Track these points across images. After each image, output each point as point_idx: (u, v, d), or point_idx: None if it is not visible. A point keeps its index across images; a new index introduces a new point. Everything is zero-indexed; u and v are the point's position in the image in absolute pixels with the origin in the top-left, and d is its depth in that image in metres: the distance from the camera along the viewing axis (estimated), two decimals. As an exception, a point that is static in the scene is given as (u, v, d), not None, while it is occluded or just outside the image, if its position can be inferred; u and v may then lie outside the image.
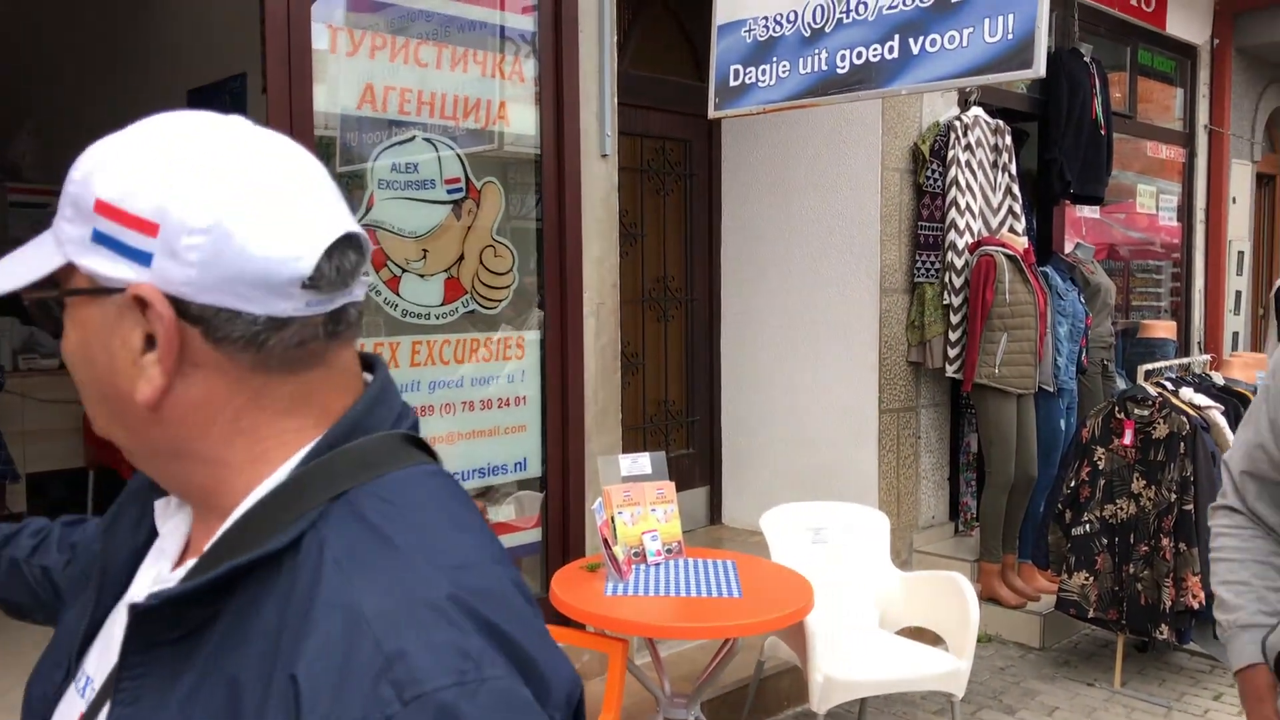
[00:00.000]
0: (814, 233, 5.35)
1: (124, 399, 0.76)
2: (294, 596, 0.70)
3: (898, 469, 5.28)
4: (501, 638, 0.69)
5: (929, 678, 3.36)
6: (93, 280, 0.75)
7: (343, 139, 3.24)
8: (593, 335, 3.88)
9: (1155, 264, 7.79)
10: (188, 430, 0.76)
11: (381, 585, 0.69)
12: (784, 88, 3.31)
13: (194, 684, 0.71)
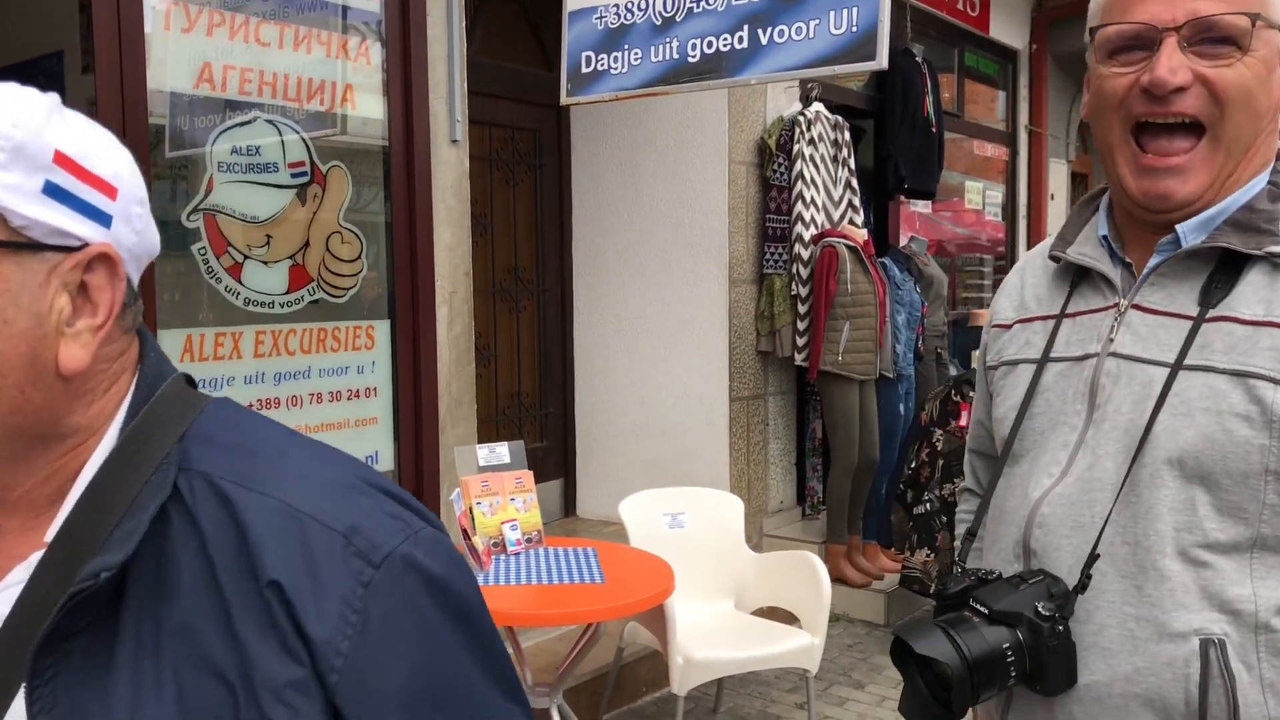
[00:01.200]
0: (663, 224, 5.40)
1: (37, 366, 0.71)
2: (210, 532, 0.72)
3: (748, 455, 5.39)
4: (402, 499, 0.78)
5: (785, 654, 3.44)
6: (34, 237, 0.70)
7: (179, 120, 3.08)
8: (445, 325, 3.81)
9: (981, 257, 8.20)
10: (76, 403, 0.74)
11: (293, 485, 0.75)
12: (636, 75, 3.33)
13: (135, 652, 0.70)
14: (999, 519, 1.30)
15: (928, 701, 1.17)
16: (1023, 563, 1.22)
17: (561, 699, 3.12)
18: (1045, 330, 1.29)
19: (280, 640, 0.71)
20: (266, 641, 0.71)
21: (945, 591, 1.21)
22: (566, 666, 3.13)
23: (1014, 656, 1.14)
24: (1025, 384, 1.28)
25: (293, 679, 0.71)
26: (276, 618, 0.71)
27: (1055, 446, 1.23)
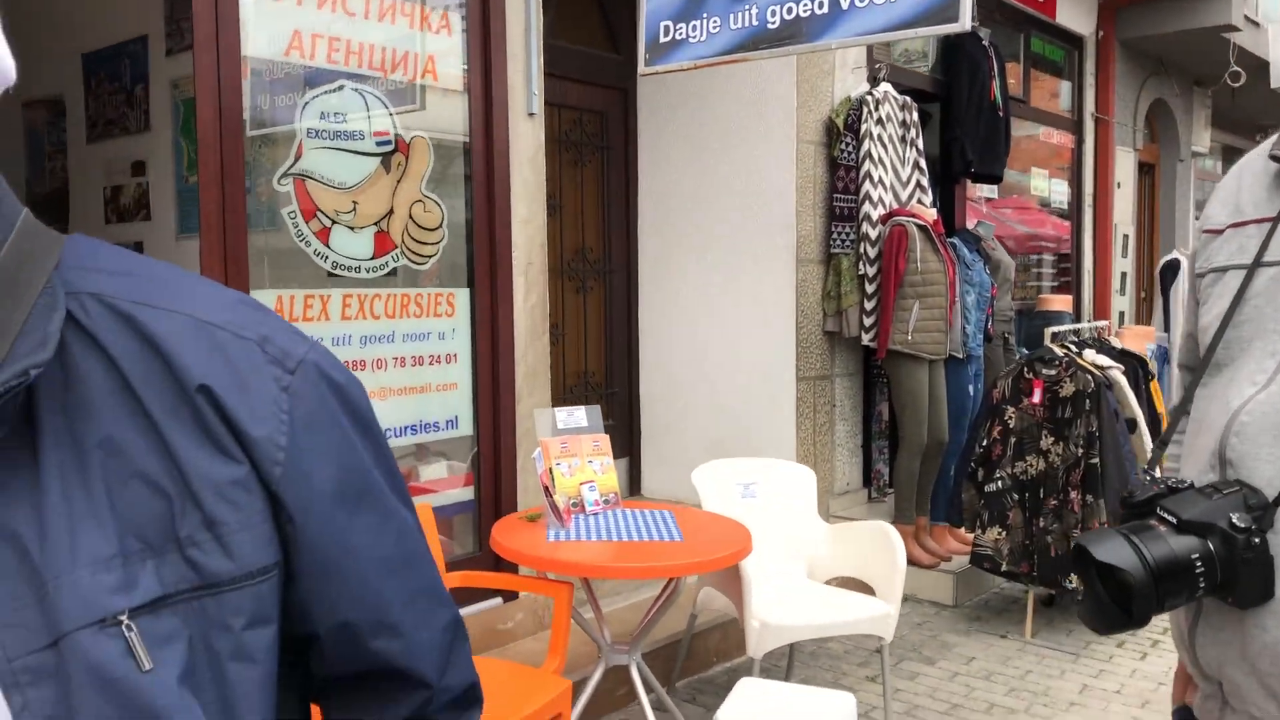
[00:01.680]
0: (730, 205, 5.42)
1: None
2: (117, 350, 0.71)
3: (814, 436, 5.38)
4: (281, 318, 0.80)
5: (860, 621, 3.44)
6: None
7: (270, 87, 3.16)
8: (522, 295, 3.87)
9: (1046, 244, 8.11)
10: None
11: (193, 300, 0.75)
12: (715, 43, 3.36)
13: (59, 472, 0.69)
14: (1198, 430, 1.25)
15: (1108, 608, 1.14)
16: (1218, 473, 1.17)
17: (640, 657, 3.15)
18: (1260, 234, 1.22)
19: (215, 442, 0.72)
20: (200, 445, 0.72)
21: (1132, 499, 1.17)
22: (645, 624, 3.16)
23: (1203, 567, 1.10)
24: (1233, 291, 1.23)
25: (234, 477, 0.73)
26: (209, 421, 0.72)
27: (1261, 354, 1.18)
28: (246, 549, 0.73)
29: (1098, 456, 4.30)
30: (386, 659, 0.83)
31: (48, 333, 0.68)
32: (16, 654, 0.66)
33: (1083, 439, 4.35)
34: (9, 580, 0.66)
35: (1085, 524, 4.30)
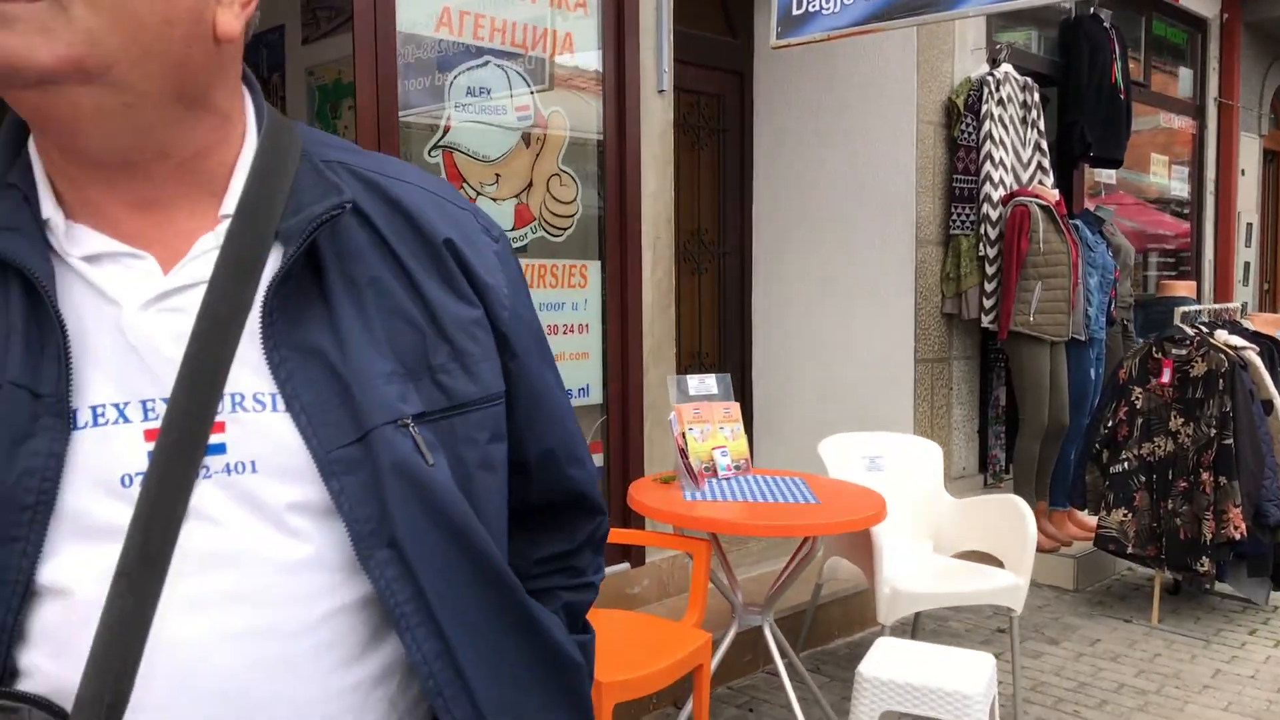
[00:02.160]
0: (848, 186, 5.42)
1: (202, 26, 0.75)
2: (371, 206, 0.85)
3: (931, 419, 5.36)
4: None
5: (990, 591, 3.44)
6: None
7: (421, 61, 3.29)
8: (649, 268, 3.95)
9: (1166, 234, 7.91)
10: (223, 75, 0.79)
11: (415, 174, 0.91)
12: (849, 14, 3.39)
13: (343, 298, 0.81)
14: None
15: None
16: None
17: (772, 618, 3.20)
18: None
19: (456, 289, 0.86)
20: (446, 290, 0.86)
21: None
22: (780, 584, 3.21)
23: None
24: None
25: (474, 317, 0.87)
26: (451, 270, 0.87)
27: None
28: (486, 376, 0.87)
29: (1231, 437, 4.21)
30: (576, 485, 0.99)
31: (335, 182, 0.83)
32: (331, 447, 0.77)
33: (1215, 419, 4.26)
34: (319, 386, 0.78)
35: (1218, 505, 4.22)
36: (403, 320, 0.83)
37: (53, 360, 0.74)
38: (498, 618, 0.84)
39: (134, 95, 0.73)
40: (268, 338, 0.77)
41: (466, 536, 0.82)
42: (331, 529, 0.78)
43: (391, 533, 0.78)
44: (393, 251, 0.84)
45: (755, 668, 3.82)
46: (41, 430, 0.73)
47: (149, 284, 0.77)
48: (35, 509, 0.73)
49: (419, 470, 0.79)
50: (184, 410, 0.74)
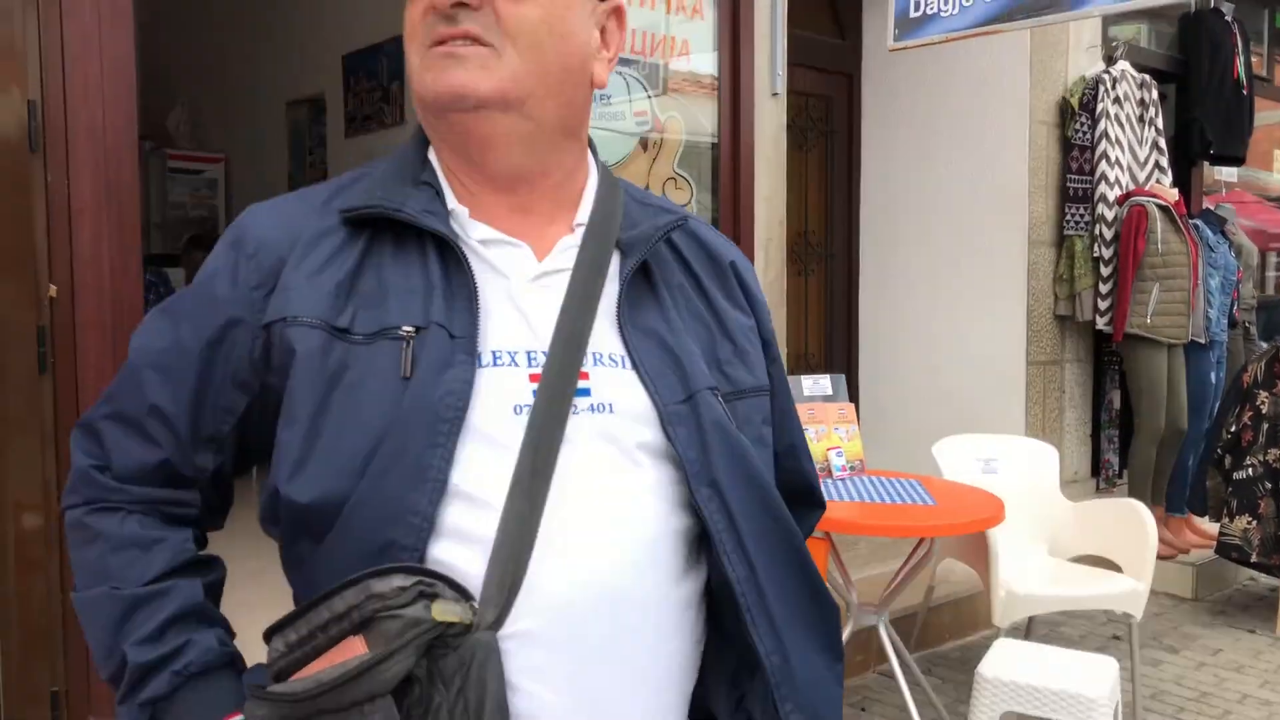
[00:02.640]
0: (958, 187, 5.38)
1: (584, 75, 1.02)
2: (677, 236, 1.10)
3: (1043, 422, 5.29)
4: None
5: (1109, 596, 3.41)
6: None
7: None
8: (761, 270, 3.99)
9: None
10: (588, 114, 1.07)
11: (698, 217, 1.19)
12: (968, 15, 3.39)
13: (665, 295, 1.06)
14: None
15: None
16: None
17: (887, 618, 3.22)
18: None
19: (736, 302, 1.12)
20: (730, 302, 1.11)
21: None
22: (896, 585, 3.23)
23: None
24: None
25: (750, 325, 1.11)
26: (733, 287, 1.12)
27: None
28: (759, 370, 1.10)
29: (1364, 444, 4.08)
30: (808, 479, 1.19)
31: (659, 206, 1.11)
32: (669, 401, 0.99)
33: (1346, 426, 4.13)
34: (658, 356, 1.02)
35: (1349, 515, 4.09)
36: (698, 321, 1.07)
37: (464, 310, 0.96)
38: (785, 556, 1.01)
39: (536, 124, 0.98)
40: (620, 316, 1.02)
41: (762, 486, 1.02)
42: (665, 466, 0.99)
43: (713, 475, 0.98)
44: (690, 267, 1.10)
45: (867, 668, 3.84)
46: (458, 362, 0.94)
47: (528, 266, 1.01)
48: (452, 422, 0.92)
49: (729, 428, 1.01)
50: (560, 359, 0.96)
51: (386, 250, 0.99)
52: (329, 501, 0.91)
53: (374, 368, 0.93)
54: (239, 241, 1.01)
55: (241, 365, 0.98)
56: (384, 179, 1.02)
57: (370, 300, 0.96)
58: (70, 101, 2.36)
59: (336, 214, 1.00)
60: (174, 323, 1.01)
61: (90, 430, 1.02)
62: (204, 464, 1.00)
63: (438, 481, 0.90)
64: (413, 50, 0.99)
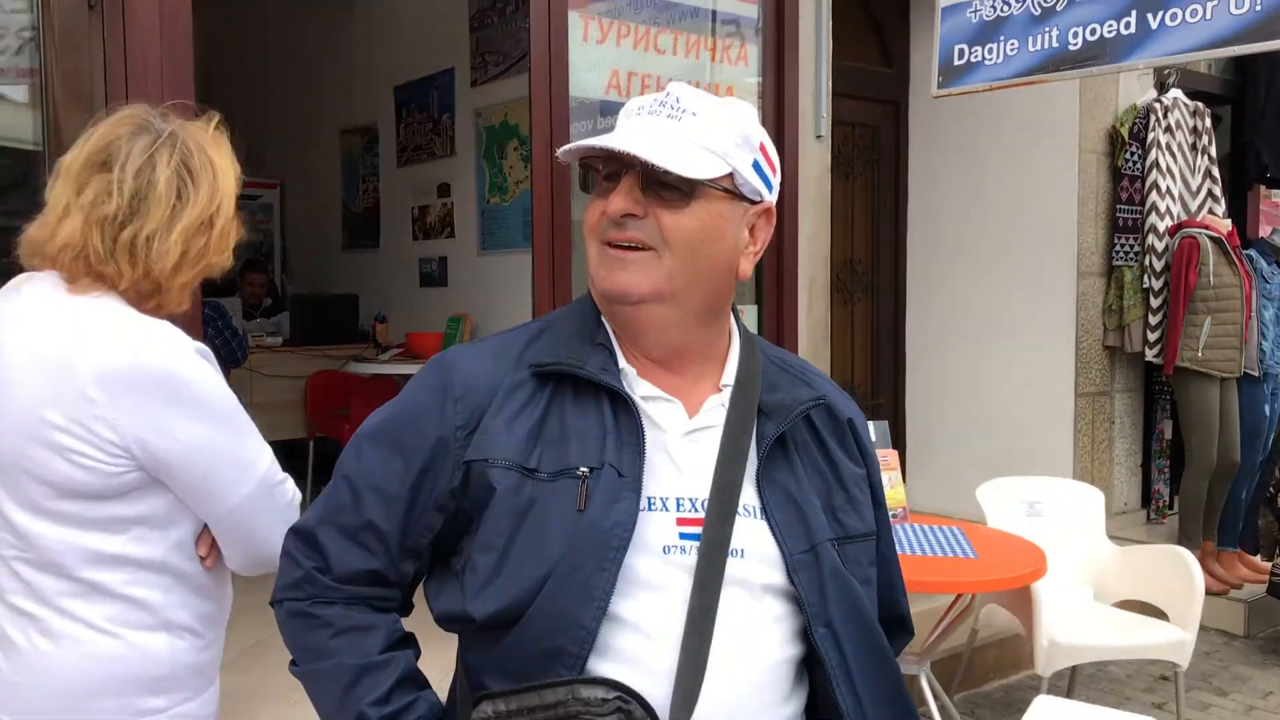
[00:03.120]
0: (1006, 216, 5.36)
1: (731, 270, 1.20)
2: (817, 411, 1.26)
3: (1092, 454, 5.25)
4: None
5: (1154, 646, 3.39)
6: (741, 190, 1.18)
7: (592, 124, 3.46)
8: (805, 309, 4.02)
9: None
10: (728, 298, 1.23)
11: (823, 375, 1.34)
12: (1012, 65, 3.39)
13: (795, 455, 1.21)
14: None
15: None
16: None
17: (929, 668, 3.23)
18: None
19: (850, 454, 1.26)
20: (846, 453, 1.26)
21: None
22: (936, 637, 3.24)
23: None
24: None
25: (861, 475, 1.26)
26: (849, 441, 1.27)
27: None
28: (868, 516, 1.25)
29: None
30: (901, 610, 1.35)
31: (798, 378, 1.27)
32: (794, 551, 1.15)
33: (1403, 468, 4.06)
34: (787, 510, 1.17)
35: (1405, 559, 4.02)
36: (818, 472, 1.22)
37: (632, 453, 1.13)
38: (887, 690, 1.19)
39: (685, 312, 1.16)
40: (758, 472, 1.17)
41: (870, 627, 1.18)
42: (786, 604, 1.15)
43: (828, 616, 1.15)
44: (814, 424, 1.25)
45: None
46: (624, 497, 1.11)
47: (682, 422, 1.18)
48: (618, 549, 1.09)
49: (845, 576, 1.17)
50: (719, 512, 1.12)
51: (568, 399, 1.17)
52: (509, 614, 1.09)
53: (556, 502, 1.11)
54: (448, 385, 1.18)
55: (442, 492, 1.16)
56: (568, 337, 1.20)
57: (553, 443, 1.14)
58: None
59: (528, 367, 1.18)
60: (390, 451, 1.18)
61: (309, 537, 1.20)
62: (406, 570, 1.19)
63: (602, 602, 1.07)
64: (591, 243, 1.17)
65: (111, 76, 2.41)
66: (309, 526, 1.21)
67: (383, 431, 1.21)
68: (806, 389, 1.24)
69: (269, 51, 7.58)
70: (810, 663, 1.18)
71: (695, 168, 1.12)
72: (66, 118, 2.38)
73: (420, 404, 1.19)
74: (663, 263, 1.13)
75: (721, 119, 1.16)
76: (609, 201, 1.13)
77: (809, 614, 1.14)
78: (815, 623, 1.14)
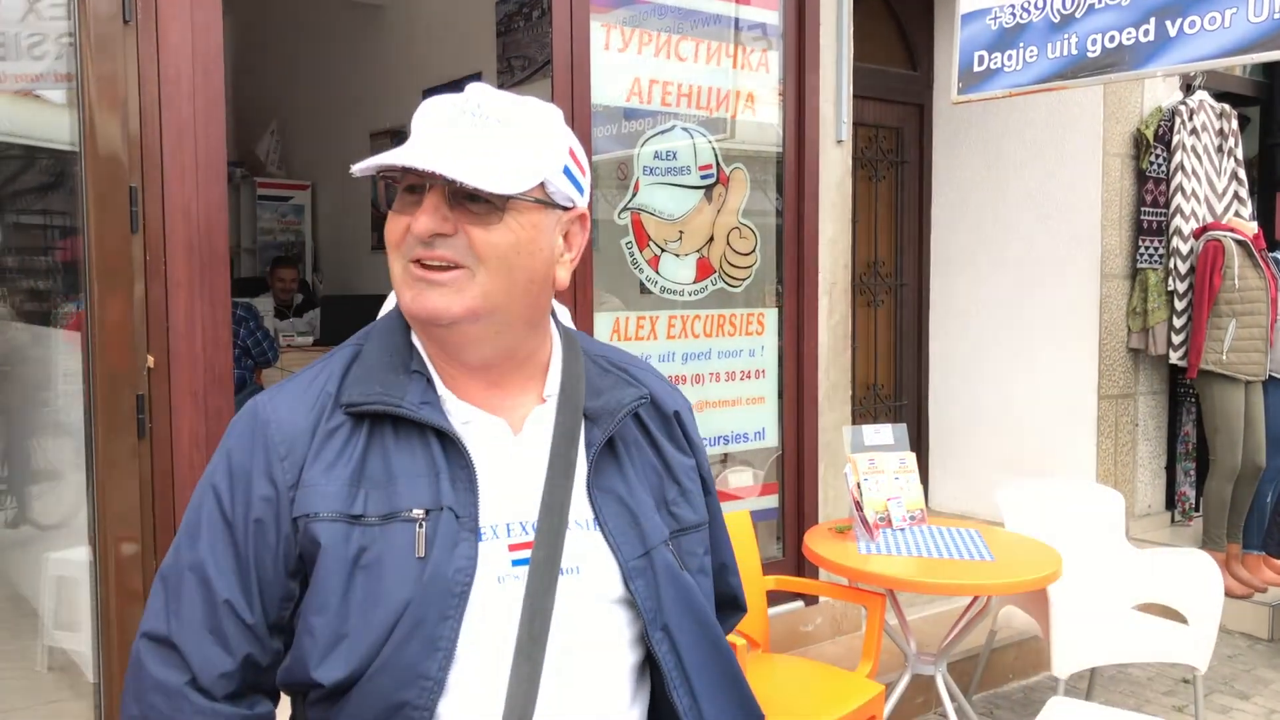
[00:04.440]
0: (1029, 219, 5.37)
1: (548, 280, 1.14)
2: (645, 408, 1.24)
3: (1115, 456, 5.25)
4: None
5: (1172, 648, 3.40)
6: (553, 198, 1.12)
7: (614, 130, 3.51)
8: (826, 313, 4.06)
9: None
10: (548, 306, 1.18)
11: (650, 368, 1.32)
12: (1031, 72, 3.41)
13: (624, 456, 1.19)
14: None
15: None
16: None
17: (945, 668, 3.27)
18: None
19: (679, 446, 1.26)
20: (675, 446, 1.25)
21: None
22: (953, 638, 3.28)
23: None
24: None
25: (690, 465, 1.26)
26: (676, 433, 1.26)
27: None
28: (699, 507, 1.25)
29: None
30: (734, 590, 1.37)
31: (619, 377, 1.23)
32: (629, 558, 1.13)
33: None
34: (620, 517, 1.15)
35: None
36: (649, 468, 1.21)
37: (465, 491, 1.09)
38: (722, 678, 1.19)
39: (503, 325, 1.11)
40: (590, 483, 1.15)
41: (705, 622, 1.18)
42: (624, 611, 1.14)
43: (664, 620, 1.14)
44: (642, 420, 1.23)
45: (928, 709, 3.88)
46: (463, 540, 1.07)
47: (507, 441, 1.14)
48: (460, 596, 1.05)
49: (680, 574, 1.17)
50: (548, 532, 1.10)
51: (388, 436, 1.10)
52: (354, 675, 1.03)
53: (390, 547, 1.05)
54: (270, 445, 1.09)
55: (290, 557, 1.08)
56: (379, 369, 1.13)
57: (379, 484, 1.08)
58: (167, 186, 2.54)
59: (341, 406, 1.11)
60: (225, 527, 1.09)
61: (162, 643, 1.07)
62: (277, 648, 1.10)
63: (448, 650, 1.03)
64: (394, 259, 1.10)
65: (145, 86, 2.49)
66: (157, 631, 1.08)
67: (214, 510, 1.10)
68: (631, 388, 1.21)
69: (300, 55, 7.69)
70: (650, 664, 1.17)
71: (506, 182, 1.05)
72: (101, 121, 2.46)
73: (244, 469, 1.10)
74: (476, 281, 1.07)
75: (528, 125, 1.10)
76: (414, 219, 1.05)
77: (646, 619, 1.12)
78: (652, 627, 1.13)
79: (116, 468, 2.53)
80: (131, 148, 2.50)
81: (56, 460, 2.84)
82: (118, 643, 2.55)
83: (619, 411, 1.18)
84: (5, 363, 2.90)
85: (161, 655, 1.07)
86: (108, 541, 2.55)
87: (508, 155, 1.07)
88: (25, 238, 2.92)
